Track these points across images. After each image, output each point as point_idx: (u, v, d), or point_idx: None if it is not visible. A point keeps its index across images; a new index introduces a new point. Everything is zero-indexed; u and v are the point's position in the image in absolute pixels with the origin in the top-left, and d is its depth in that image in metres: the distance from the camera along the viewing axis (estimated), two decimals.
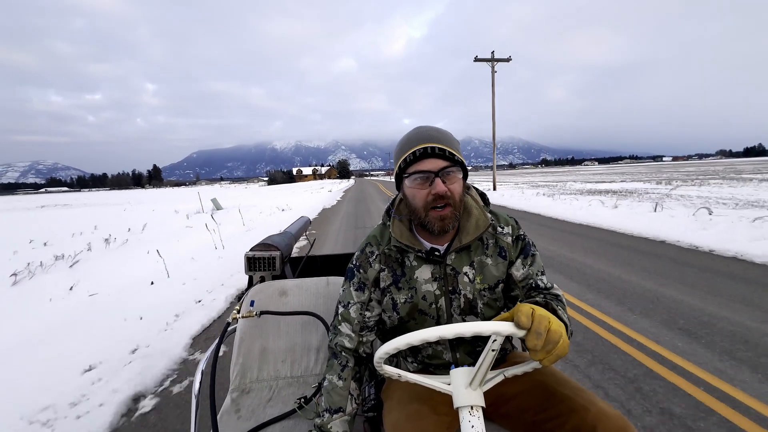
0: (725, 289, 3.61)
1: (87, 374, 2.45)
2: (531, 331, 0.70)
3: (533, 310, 0.71)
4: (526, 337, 0.71)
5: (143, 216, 11.96)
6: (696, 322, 2.88)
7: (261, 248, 1.59)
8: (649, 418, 1.85)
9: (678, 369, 2.27)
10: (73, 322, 3.31)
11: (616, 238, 6.39)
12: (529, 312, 0.71)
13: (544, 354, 0.71)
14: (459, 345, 1.04)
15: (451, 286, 1.01)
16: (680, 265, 4.54)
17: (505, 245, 1.04)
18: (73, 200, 40.49)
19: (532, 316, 0.71)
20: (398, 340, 0.77)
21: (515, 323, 0.70)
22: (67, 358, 2.62)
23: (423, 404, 0.94)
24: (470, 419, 0.74)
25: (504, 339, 0.74)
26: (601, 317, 3.08)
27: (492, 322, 0.72)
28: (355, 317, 1.06)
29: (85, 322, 3.30)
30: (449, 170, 0.93)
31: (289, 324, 1.44)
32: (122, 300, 3.88)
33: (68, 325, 3.24)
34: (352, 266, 1.10)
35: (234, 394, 1.32)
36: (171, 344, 2.90)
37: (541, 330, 0.70)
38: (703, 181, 18.37)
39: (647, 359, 2.39)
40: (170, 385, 2.43)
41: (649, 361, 2.37)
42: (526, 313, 0.70)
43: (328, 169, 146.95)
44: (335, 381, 1.02)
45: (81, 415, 2.05)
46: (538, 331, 0.70)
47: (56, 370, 2.47)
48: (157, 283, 4.44)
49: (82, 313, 3.53)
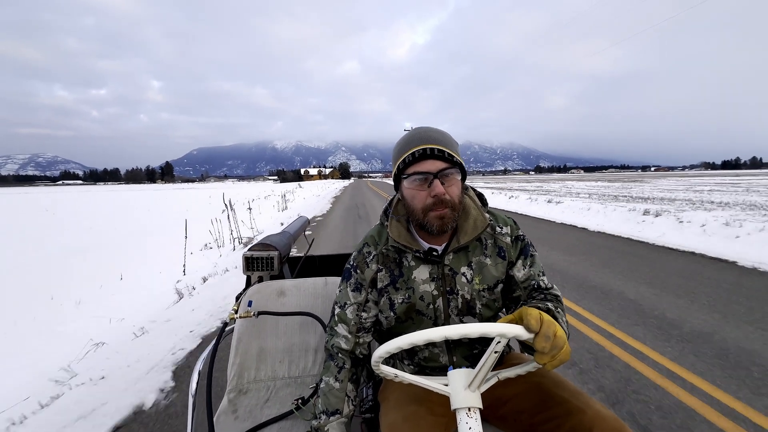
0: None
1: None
2: (540, 334, 0.71)
3: (541, 314, 0.72)
4: (534, 340, 0.71)
5: (253, 191, 19.30)
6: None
7: (259, 248, 1.58)
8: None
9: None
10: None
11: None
12: (538, 316, 0.72)
13: (549, 358, 0.72)
14: (456, 347, 1.04)
15: (449, 286, 1.01)
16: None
17: (504, 245, 1.04)
18: (144, 189, 55.36)
19: (540, 320, 0.71)
20: (401, 339, 0.75)
21: (525, 326, 0.71)
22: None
23: (420, 405, 0.94)
24: (468, 421, 0.74)
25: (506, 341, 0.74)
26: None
27: (500, 324, 0.72)
28: (351, 318, 1.05)
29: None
30: (448, 172, 0.93)
31: (287, 324, 1.44)
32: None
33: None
34: (349, 267, 1.09)
35: (231, 394, 1.31)
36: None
37: (550, 334, 0.71)
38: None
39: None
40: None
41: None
42: (536, 317, 0.71)
43: (332, 171, 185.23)
44: (332, 383, 1.02)
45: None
46: (546, 335, 0.70)
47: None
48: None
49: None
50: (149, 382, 2.33)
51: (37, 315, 3.37)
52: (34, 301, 3.76)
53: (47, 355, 2.64)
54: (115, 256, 5.84)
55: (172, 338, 2.91)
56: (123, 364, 2.51)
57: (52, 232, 9.47)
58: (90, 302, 3.66)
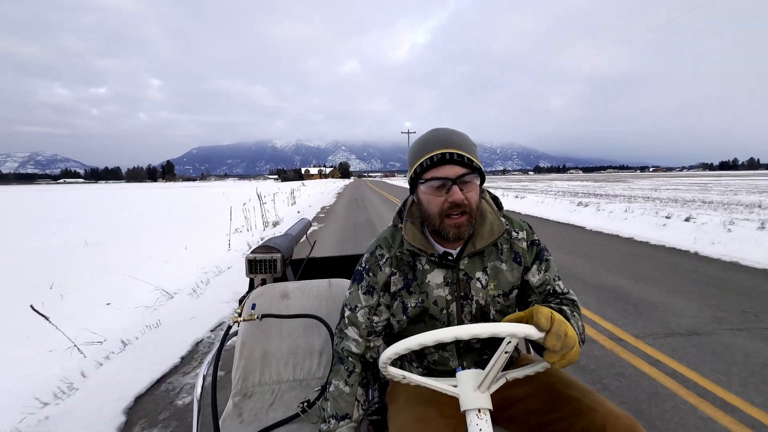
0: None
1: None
2: (551, 332, 0.70)
3: (552, 313, 0.72)
4: (545, 339, 0.71)
5: (261, 189, 17.84)
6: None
7: (262, 250, 1.57)
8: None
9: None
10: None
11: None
12: (549, 314, 0.71)
13: (559, 357, 0.71)
14: (467, 352, 1.02)
15: (463, 291, 0.99)
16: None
17: (520, 250, 1.02)
18: (152, 187, 61.18)
19: (551, 318, 0.71)
20: (410, 340, 0.74)
21: (535, 324, 0.70)
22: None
23: (429, 407, 0.93)
24: (478, 422, 0.73)
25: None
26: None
27: (510, 324, 0.71)
28: (362, 321, 1.03)
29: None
30: (467, 177, 0.89)
31: (291, 327, 1.43)
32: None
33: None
34: (360, 269, 1.06)
35: (236, 398, 1.31)
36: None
37: (561, 333, 0.70)
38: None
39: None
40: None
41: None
42: (546, 315, 0.70)
43: (332, 170, 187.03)
44: (342, 387, 1.00)
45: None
46: (558, 333, 0.70)
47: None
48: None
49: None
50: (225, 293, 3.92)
51: (165, 259, 5.48)
52: (153, 252, 5.82)
53: (190, 272, 4.78)
54: (172, 234, 7.60)
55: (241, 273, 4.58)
56: (220, 282, 4.36)
57: (114, 218, 11.77)
58: (174, 260, 5.50)
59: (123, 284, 4.12)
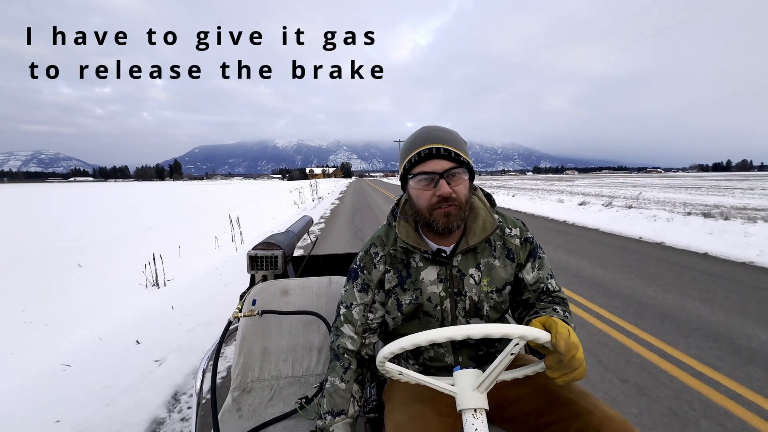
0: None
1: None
2: (565, 354, 0.73)
3: (570, 332, 0.74)
4: (554, 357, 0.74)
5: (273, 187, 22.12)
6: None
7: (263, 247, 1.58)
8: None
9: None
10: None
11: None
12: (567, 336, 0.73)
13: (560, 374, 0.74)
14: (462, 348, 1.03)
15: (457, 287, 1.00)
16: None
17: (513, 247, 1.03)
18: (168, 185, 63.98)
19: (568, 341, 0.73)
20: (417, 336, 0.75)
21: (553, 344, 0.73)
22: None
23: (426, 405, 0.93)
24: (474, 422, 0.73)
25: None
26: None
27: (523, 327, 0.72)
28: (357, 319, 1.04)
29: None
30: (454, 171, 0.91)
31: (291, 323, 1.44)
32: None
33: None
34: (355, 267, 1.08)
35: (235, 393, 1.31)
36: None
37: (569, 356, 0.73)
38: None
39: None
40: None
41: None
42: (565, 337, 0.73)
43: (335, 170, 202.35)
44: (337, 383, 1.01)
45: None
46: (570, 354, 0.73)
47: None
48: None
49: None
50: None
51: (215, 240, 6.80)
52: (200, 237, 7.13)
53: (225, 254, 6.06)
54: (225, 218, 8.71)
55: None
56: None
57: (169, 210, 13.54)
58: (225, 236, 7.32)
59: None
